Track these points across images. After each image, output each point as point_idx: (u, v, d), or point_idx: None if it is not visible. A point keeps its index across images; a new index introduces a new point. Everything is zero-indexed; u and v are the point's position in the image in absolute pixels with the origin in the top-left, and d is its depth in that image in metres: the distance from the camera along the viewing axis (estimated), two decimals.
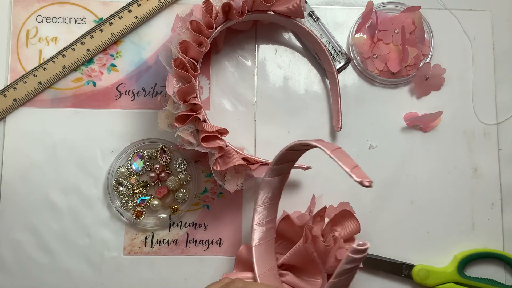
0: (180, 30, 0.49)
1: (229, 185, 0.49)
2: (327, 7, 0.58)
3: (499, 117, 0.57)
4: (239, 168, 0.49)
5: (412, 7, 0.55)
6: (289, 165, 0.48)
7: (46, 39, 0.55)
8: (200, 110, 0.47)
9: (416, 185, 0.55)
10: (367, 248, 0.32)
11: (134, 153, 0.53)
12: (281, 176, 0.48)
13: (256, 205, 0.48)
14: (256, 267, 0.47)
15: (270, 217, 0.49)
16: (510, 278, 0.55)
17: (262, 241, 0.49)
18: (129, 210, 0.53)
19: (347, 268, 0.32)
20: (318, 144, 0.38)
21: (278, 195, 0.50)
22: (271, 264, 0.49)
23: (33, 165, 0.54)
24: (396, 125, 0.56)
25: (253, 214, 0.48)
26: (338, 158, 0.36)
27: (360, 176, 0.34)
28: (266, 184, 0.48)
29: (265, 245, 0.49)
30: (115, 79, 0.55)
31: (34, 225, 0.53)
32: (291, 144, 0.42)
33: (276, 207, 0.50)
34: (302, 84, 0.56)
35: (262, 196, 0.48)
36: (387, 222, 0.55)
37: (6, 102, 0.54)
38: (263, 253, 0.48)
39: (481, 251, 0.54)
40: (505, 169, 0.56)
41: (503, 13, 0.58)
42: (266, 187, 0.48)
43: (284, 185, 0.49)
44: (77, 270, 0.53)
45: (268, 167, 0.47)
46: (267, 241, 0.49)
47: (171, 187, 0.53)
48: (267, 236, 0.49)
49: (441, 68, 0.55)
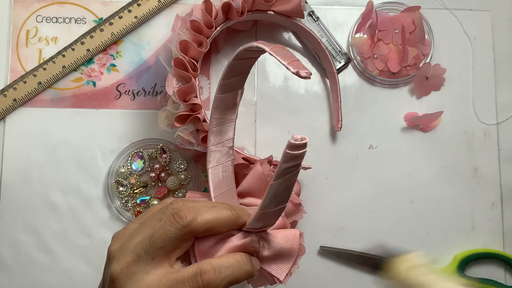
0: (180, 30, 0.49)
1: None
2: (327, 7, 0.58)
3: (499, 117, 0.57)
4: (239, 168, 0.49)
5: (412, 7, 0.55)
6: (242, 79, 0.43)
7: (46, 39, 0.55)
8: (200, 110, 0.47)
9: (416, 185, 0.55)
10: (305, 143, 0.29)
11: (134, 153, 0.53)
12: (234, 92, 0.44)
13: (211, 125, 0.45)
14: (212, 189, 0.44)
15: (226, 138, 0.46)
16: (510, 278, 0.55)
17: (220, 163, 0.46)
18: (129, 210, 0.53)
19: (287, 167, 0.30)
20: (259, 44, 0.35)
21: (233, 113, 0.45)
22: (229, 186, 0.46)
23: (33, 165, 0.54)
24: (396, 125, 0.56)
25: (208, 135, 0.45)
26: (277, 53, 0.34)
27: (296, 67, 0.31)
28: (219, 102, 0.44)
29: (223, 167, 0.46)
30: (115, 79, 0.55)
31: (34, 225, 0.53)
32: (237, 52, 0.38)
33: (232, 127, 0.46)
34: (302, 84, 0.56)
35: (216, 115, 0.44)
36: (387, 222, 0.55)
37: (6, 102, 0.54)
38: (220, 176, 0.46)
39: (481, 251, 0.54)
40: (505, 169, 0.56)
41: (503, 13, 0.58)
42: (220, 105, 0.44)
43: (239, 103, 0.45)
44: (77, 270, 0.53)
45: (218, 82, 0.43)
46: (225, 163, 0.46)
47: (171, 187, 0.53)
48: (225, 158, 0.46)
49: (441, 68, 0.55)
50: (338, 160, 0.55)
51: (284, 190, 0.32)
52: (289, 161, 0.30)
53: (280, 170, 0.30)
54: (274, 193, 0.32)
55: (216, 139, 0.45)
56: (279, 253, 0.37)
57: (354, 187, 0.55)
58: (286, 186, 0.32)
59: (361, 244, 0.54)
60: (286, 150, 0.29)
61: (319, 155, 0.55)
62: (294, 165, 0.30)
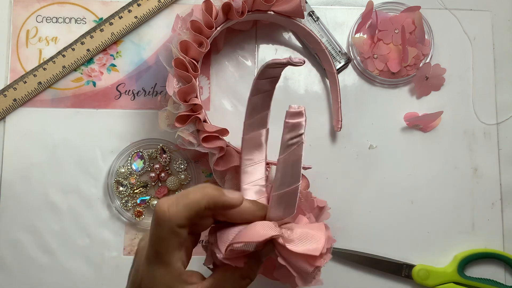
0: (180, 30, 0.49)
1: (229, 185, 0.49)
2: (327, 7, 0.58)
3: (499, 117, 0.57)
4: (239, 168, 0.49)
5: (412, 7, 0.55)
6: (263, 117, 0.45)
7: (46, 39, 0.55)
8: (200, 110, 0.47)
9: (416, 185, 0.55)
10: (301, 111, 0.30)
11: (134, 153, 0.53)
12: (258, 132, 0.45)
13: (243, 166, 0.45)
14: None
15: (258, 178, 0.47)
16: (510, 278, 0.55)
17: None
18: (129, 210, 0.53)
19: (289, 137, 0.31)
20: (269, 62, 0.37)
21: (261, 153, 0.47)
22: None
23: (33, 165, 0.54)
24: (396, 125, 0.56)
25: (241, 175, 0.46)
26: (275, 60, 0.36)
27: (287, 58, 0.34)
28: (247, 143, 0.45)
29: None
30: (115, 79, 0.55)
31: (34, 225, 0.53)
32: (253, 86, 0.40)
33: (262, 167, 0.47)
34: (302, 84, 0.56)
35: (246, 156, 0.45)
36: (387, 222, 0.55)
37: (6, 102, 0.54)
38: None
39: (481, 251, 0.54)
40: (505, 169, 0.56)
41: (503, 13, 0.58)
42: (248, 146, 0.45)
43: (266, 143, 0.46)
44: (77, 270, 0.53)
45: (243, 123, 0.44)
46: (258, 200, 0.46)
47: (171, 187, 0.53)
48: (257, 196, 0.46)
49: (441, 68, 0.55)
50: (338, 160, 0.55)
51: (292, 165, 0.32)
52: (290, 131, 0.31)
53: (284, 142, 0.31)
54: (283, 169, 0.32)
55: (248, 179, 0.47)
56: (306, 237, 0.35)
57: (354, 187, 0.55)
58: (293, 161, 0.32)
59: (361, 244, 0.54)
60: (286, 119, 0.30)
61: (319, 155, 0.55)
62: (296, 135, 0.31)
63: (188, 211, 0.32)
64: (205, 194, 0.32)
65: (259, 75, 0.39)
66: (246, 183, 0.46)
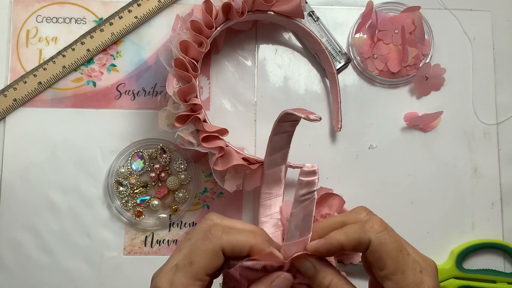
0: (180, 30, 0.49)
1: (229, 185, 0.49)
2: (327, 7, 0.58)
3: (499, 117, 0.57)
4: (239, 168, 0.49)
5: (412, 7, 0.55)
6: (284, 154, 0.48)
7: (46, 39, 0.55)
8: (200, 110, 0.47)
9: (416, 185, 0.55)
10: (315, 170, 0.32)
11: (134, 153, 0.53)
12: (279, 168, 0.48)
13: (262, 199, 0.48)
14: None
15: (275, 211, 0.50)
16: (509, 266, 0.55)
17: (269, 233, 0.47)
18: (129, 210, 0.53)
19: (302, 194, 0.33)
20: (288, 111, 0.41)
21: (280, 188, 0.50)
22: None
23: (33, 165, 0.54)
24: (396, 125, 0.56)
25: (259, 208, 0.48)
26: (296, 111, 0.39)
27: (305, 113, 0.37)
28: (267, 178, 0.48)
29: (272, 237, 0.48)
30: (115, 79, 0.55)
31: (34, 225, 0.53)
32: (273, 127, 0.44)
33: (280, 201, 0.50)
34: (302, 84, 0.56)
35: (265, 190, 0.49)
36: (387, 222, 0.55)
37: (6, 102, 0.54)
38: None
39: (477, 242, 0.54)
40: (505, 169, 0.56)
41: (503, 13, 0.58)
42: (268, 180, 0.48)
43: (284, 179, 0.49)
44: (77, 270, 0.53)
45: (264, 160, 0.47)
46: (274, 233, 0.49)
47: (171, 187, 0.53)
48: (274, 229, 0.49)
49: (441, 68, 0.55)
50: (338, 160, 0.55)
51: (304, 218, 0.34)
52: (304, 187, 0.33)
53: (297, 197, 0.33)
54: (296, 221, 0.34)
55: (265, 212, 0.50)
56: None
57: (354, 187, 0.55)
58: (305, 215, 0.34)
59: None
60: (300, 177, 0.32)
61: (319, 155, 0.55)
62: (310, 192, 0.33)
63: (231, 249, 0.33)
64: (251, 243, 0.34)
65: (280, 118, 0.43)
66: (263, 216, 0.49)
